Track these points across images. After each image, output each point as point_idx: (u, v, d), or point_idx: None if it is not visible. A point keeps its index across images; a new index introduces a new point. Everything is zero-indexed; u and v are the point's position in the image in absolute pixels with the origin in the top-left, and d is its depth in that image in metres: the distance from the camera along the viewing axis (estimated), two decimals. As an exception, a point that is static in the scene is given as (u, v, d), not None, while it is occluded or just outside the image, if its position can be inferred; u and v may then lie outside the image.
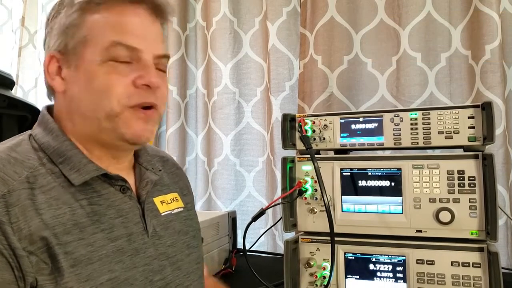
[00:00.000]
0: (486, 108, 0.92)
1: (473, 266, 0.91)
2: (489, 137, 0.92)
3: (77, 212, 0.60)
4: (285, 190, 1.07)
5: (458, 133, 0.96)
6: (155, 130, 0.69)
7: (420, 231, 0.97)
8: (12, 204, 0.55)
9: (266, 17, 1.70)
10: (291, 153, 1.16)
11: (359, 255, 1.00)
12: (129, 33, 0.63)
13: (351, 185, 1.03)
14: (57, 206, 0.58)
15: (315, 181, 1.04)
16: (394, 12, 1.49)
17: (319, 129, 1.07)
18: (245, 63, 1.79)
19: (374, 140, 1.03)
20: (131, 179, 0.71)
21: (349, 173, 1.03)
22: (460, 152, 0.97)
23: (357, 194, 1.03)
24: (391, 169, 1.00)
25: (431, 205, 0.96)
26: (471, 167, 0.93)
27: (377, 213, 1.00)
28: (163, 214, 0.72)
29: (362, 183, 1.02)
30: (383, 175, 1.01)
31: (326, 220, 0.96)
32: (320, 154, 1.13)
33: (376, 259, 0.99)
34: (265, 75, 1.73)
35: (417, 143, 0.99)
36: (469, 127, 0.95)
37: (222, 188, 1.77)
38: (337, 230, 0.99)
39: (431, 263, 0.94)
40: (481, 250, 0.91)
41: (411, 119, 1.00)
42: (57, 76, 0.65)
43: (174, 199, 0.77)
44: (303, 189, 1.05)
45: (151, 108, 0.65)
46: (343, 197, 1.03)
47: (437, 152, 1.25)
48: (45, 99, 0.72)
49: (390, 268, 0.98)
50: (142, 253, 0.65)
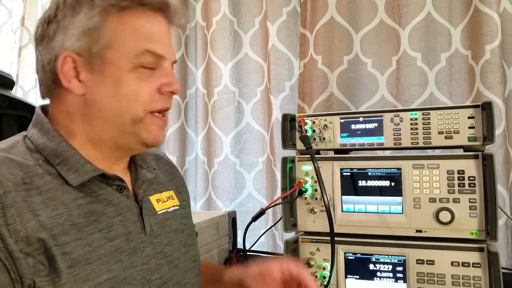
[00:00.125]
0: (486, 108, 0.92)
1: (473, 266, 0.91)
2: (489, 137, 0.92)
3: (74, 212, 0.59)
4: (285, 190, 1.07)
5: (458, 133, 0.96)
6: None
7: (420, 231, 0.97)
8: (8, 205, 0.54)
9: (266, 17, 1.70)
10: (291, 153, 1.16)
11: (359, 255, 1.00)
12: (157, 41, 0.66)
13: (351, 185, 1.03)
14: (54, 206, 0.58)
15: (315, 181, 1.04)
16: (394, 12, 1.49)
17: (319, 129, 1.07)
18: (245, 63, 1.79)
19: (374, 140, 1.03)
20: (127, 178, 0.71)
21: (349, 173, 1.03)
22: (460, 152, 0.97)
23: (357, 194, 1.03)
24: (391, 169, 1.00)
25: (431, 205, 0.96)
26: (471, 167, 0.93)
27: (377, 213, 1.00)
28: (159, 212, 0.73)
29: (362, 183, 1.02)
30: (383, 175, 1.01)
31: (326, 220, 0.96)
32: (320, 154, 1.13)
33: (376, 259, 0.99)
34: (265, 75, 1.73)
35: (417, 143, 0.99)
36: (469, 127, 0.95)
37: (222, 188, 1.77)
38: (337, 230, 0.99)
39: (431, 263, 0.94)
40: (481, 250, 0.91)
41: (411, 119, 1.00)
42: (75, 78, 0.63)
43: (169, 197, 0.77)
44: (303, 189, 1.05)
45: (165, 114, 0.69)
46: (343, 197, 1.03)
47: (437, 152, 1.25)
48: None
49: (390, 268, 0.98)
50: (140, 252, 0.66)
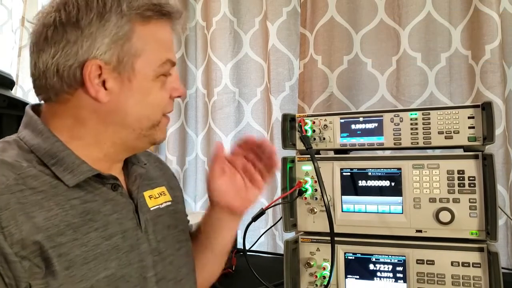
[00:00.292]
0: (486, 108, 0.92)
1: (473, 266, 0.91)
2: (489, 137, 0.92)
3: (69, 212, 0.59)
4: (285, 190, 1.07)
5: (458, 133, 0.96)
6: None
7: (420, 231, 0.97)
8: (1, 208, 0.53)
9: (266, 17, 1.70)
10: (291, 153, 1.16)
11: (359, 255, 1.00)
12: (171, 49, 0.70)
13: (351, 185, 1.03)
14: (48, 207, 0.57)
15: (315, 181, 1.04)
16: (394, 12, 1.49)
17: (319, 129, 1.07)
18: (245, 63, 1.79)
19: (374, 140, 1.03)
20: (121, 176, 0.71)
21: (349, 173, 1.03)
22: (460, 152, 0.97)
23: (357, 194, 1.03)
24: (391, 169, 1.00)
25: (431, 205, 0.96)
26: (471, 167, 0.93)
27: (377, 213, 1.00)
28: (152, 209, 0.73)
29: (362, 183, 1.02)
30: (383, 175, 1.01)
31: (326, 220, 0.96)
32: (320, 154, 1.13)
33: (376, 259, 0.99)
34: (265, 75, 1.73)
35: (417, 143, 0.99)
36: (469, 127, 0.95)
37: (222, 188, 1.77)
38: (337, 230, 0.99)
39: (431, 263, 0.94)
40: (481, 250, 0.91)
41: (411, 119, 1.00)
42: (102, 87, 0.63)
43: (161, 193, 0.77)
44: (303, 189, 1.05)
45: None
46: (343, 197, 1.03)
47: (437, 152, 1.25)
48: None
49: (390, 268, 0.98)
50: (136, 249, 0.66)
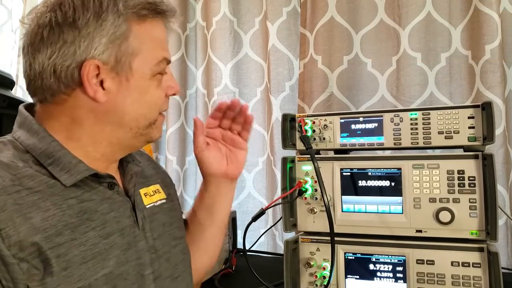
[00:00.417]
0: (486, 108, 0.92)
1: (473, 266, 0.91)
2: (489, 137, 0.92)
3: (67, 212, 0.59)
4: (285, 190, 1.07)
5: (458, 133, 0.96)
6: None
7: (420, 231, 0.97)
8: None
9: (266, 17, 1.70)
10: (291, 153, 1.16)
11: (359, 255, 1.00)
12: (166, 47, 0.69)
13: (351, 185, 1.03)
14: (46, 208, 0.57)
15: (315, 181, 1.04)
16: (394, 12, 1.49)
17: (319, 129, 1.07)
18: (245, 63, 1.79)
19: (374, 140, 1.03)
20: (117, 175, 0.71)
21: (349, 173, 1.03)
22: (460, 152, 0.97)
23: (357, 194, 1.03)
24: (391, 169, 1.00)
25: (431, 205, 0.96)
26: (471, 167, 0.93)
27: (377, 213, 1.00)
28: (147, 206, 0.73)
29: (362, 183, 1.02)
30: (383, 175, 1.01)
31: (326, 220, 0.96)
32: (320, 154, 1.13)
33: (376, 259, 0.99)
34: (265, 75, 1.73)
35: (417, 143, 0.99)
36: (469, 127, 0.95)
37: (222, 188, 1.77)
38: (337, 230, 0.99)
39: (431, 263, 0.94)
40: (481, 250, 0.91)
41: (411, 119, 1.00)
42: (100, 87, 0.62)
43: (156, 191, 0.77)
44: (303, 189, 1.05)
45: None
46: (343, 197, 1.03)
47: (437, 152, 1.25)
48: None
49: (390, 268, 0.98)
50: (134, 246, 0.66)
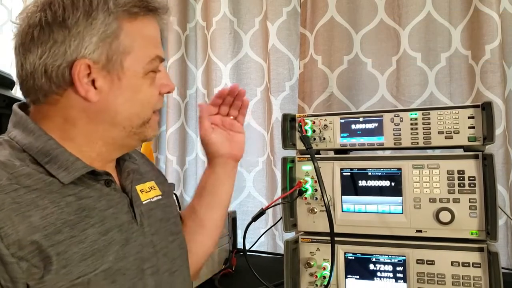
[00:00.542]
0: (486, 108, 0.92)
1: (473, 266, 0.91)
2: (489, 137, 0.92)
3: (65, 210, 0.59)
4: (285, 190, 1.07)
5: (458, 133, 0.96)
6: None
7: (420, 231, 0.97)
8: None
9: (266, 17, 1.70)
10: (291, 153, 1.16)
11: (359, 255, 1.00)
12: (159, 45, 0.69)
13: (351, 185, 1.03)
14: (44, 206, 0.57)
15: (315, 181, 1.04)
16: (394, 12, 1.49)
17: (319, 129, 1.07)
18: (245, 63, 1.79)
19: (374, 140, 1.03)
20: (113, 173, 0.71)
21: (349, 173, 1.03)
22: (460, 152, 0.97)
23: (357, 194, 1.02)
24: (391, 169, 1.00)
25: (431, 205, 0.96)
26: (471, 167, 0.93)
27: (377, 213, 1.00)
28: (144, 202, 0.73)
29: (362, 183, 1.02)
30: (383, 175, 1.01)
31: (326, 220, 0.96)
32: (320, 154, 1.13)
33: (376, 259, 0.99)
34: (265, 75, 1.73)
35: (417, 143, 0.99)
36: (469, 127, 0.95)
37: (222, 188, 1.77)
38: (337, 230, 0.99)
39: (431, 263, 0.94)
40: (481, 250, 0.91)
41: (411, 119, 1.00)
42: (91, 86, 0.62)
43: (152, 188, 0.78)
44: (303, 189, 1.05)
45: None
46: (343, 197, 1.03)
47: (437, 152, 1.25)
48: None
49: (390, 268, 0.98)
50: (132, 242, 0.66)
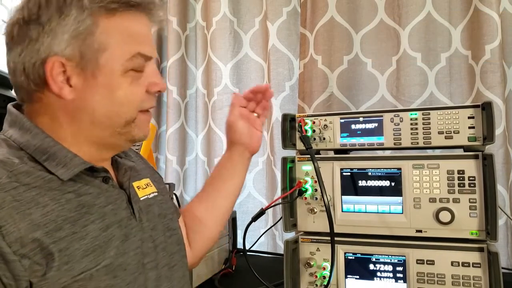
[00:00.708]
0: (486, 108, 0.92)
1: (473, 266, 0.91)
2: (489, 137, 0.92)
3: (65, 207, 0.59)
4: (285, 190, 1.07)
5: (458, 133, 0.96)
6: None
7: (420, 231, 0.97)
8: None
9: (266, 17, 1.70)
10: (291, 153, 1.16)
11: (359, 255, 1.00)
12: (144, 42, 0.66)
13: (351, 185, 1.03)
14: (44, 203, 0.57)
15: (315, 181, 1.04)
16: (394, 12, 1.49)
17: (319, 129, 1.07)
18: (245, 63, 1.79)
19: (374, 140, 1.03)
20: (110, 169, 0.72)
21: (349, 173, 1.03)
22: (460, 152, 0.97)
23: (357, 194, 1.02)
24: (391, 169, 1.00)
25: (431, 205, 0.96)
26: (471, 167, 0.93)
27: (377, 213, 1.00)
28: (142, 198, 0.74)
29: (362, 183, 1.02)
30: (383, 175, 1.01)
31: (326, 220, 0.96)
32: (320, 154, 1.13)
33: (376, 259, 0.99)
34: (265, 75, 1.73)
35: (417, 143, 0.99)
36: (469, 127, 0.95)
37: (222, 188, 1.77)
38: (337, 230, 0.99)
39: (431, 263, 0.94)
40: (481, 250, 0.91)
41: (411, 119, 1.00)
42: (66, 84, 0.62)
43: (148, 185, 0.78)
44: (303, 189, 1.05)
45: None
46: (343, 197, 1.03)
47: (437, 152, 1.25)
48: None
49: (390, 268, 0.98)
50: (132, 237, 0.66)
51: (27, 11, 0.61)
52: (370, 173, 1.02)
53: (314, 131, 1.07)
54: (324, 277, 1.00)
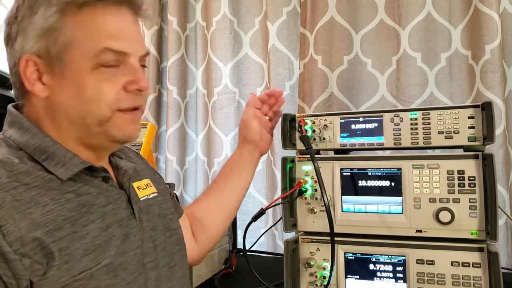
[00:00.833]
0: (486, 108, 0.92)
1: (473, 266, 0.91)
2: (489, 137, 0.92)
3: (65, 206, 0.59)
4: (285, 190, 1.07)
5: (458, 133, 0.96)
6: (140, 127, 0.71)
7: (420, 231, 0.97)
8: None
9: (266, 17, 1.70)
10: (291, 153, 1.16)
11: (359, 255, 1.00)
12: (117, 37, 0.62)
13: (351, 185, 1.03)
14: (44, 203, 0.57)
15: (315, 181, 1.04)
16: (394, 12, 1.49)
17: (319, 129, 1.07)
18: (245, 63, 1.79)
19: (374, 140, 1.03)
20: (109, 169, 0.72)
21: (349, 173, 1.03)
22: (460, 152, 0.97)
23: (357, 194, 1.02)
24: (391, 169, 1.00)
25: (431, 205, 0.96)
26: (471, 167, 0.93)
27: (377, 213, 1.00)
28: (142, 199, 0.74)
29: (362, 183, 1.02)
30: (383, 175, 1.01)
31: (326, 220, 0.96)
32: (320, 154, 1.13)
33: (376, 259, 0.99)
34: (265, 75, 1.73)
35: (417, 143, 0.99)
36: (469, 127, 0.95)
37: (222, 188, 1.77)
38: (337, 230, 0.99)
39: (431, 263, 0.94)
40: (481, 250, 0.91)
41: (411, 119, 1.00)
42: (38, 81, 0.62)
43: (148, 185, 0.78)
44: (303, 189, 1.05)
45: (138, 108, 0.67)
46: (343, 197, 1.03)
47: (437, 152, 1.25)
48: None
49: (390, 268, 0.98)
50: (132, 237, 0.66)
51: (10, 13, 0.62)
52: (370, 173, 1.02)
53: (314, 131, 1.07)
54: (324, 277, 1.00)
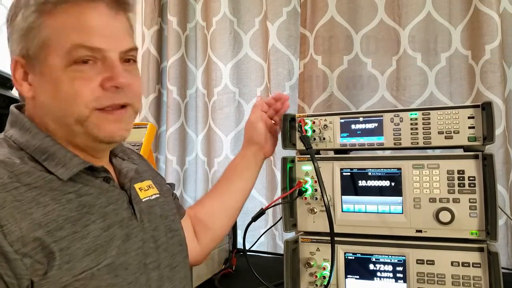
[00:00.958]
0: (486, 108, 0.92)
1: (473, 266, 0.91)
2: (489, 137, 0.92)
3: (66, 207, 0.59)
4: (285, 190, 1.07)
5: (458, 133, 0.96)
6: (131, 127, 0.68)
7: (420, 231, 0.97)
8: None
9: (266, 17, 1.70)
10: (291, 153, 1.16)
11: (359, 255, 1.00)
12: (90, 33, 0.61)
13: (351, 185, 1.03)
14: (45, 203, 0.57)
15: (315, 181, 1.03)
16: (394, 12, 1.49)
17: (319, 129, 1.07)
18: (245, 63, 1.79)
19: (374, 140, 1.03)
20: (110, 170, 0.72)
21: (349, 173, 1.03)
22: (460, 152, 0.97)
23: (357, 194, 1.02)
24: (391, 169, 1.00)
25: (431, 205, 0.96)
26: (471, 167, 0.93)
27: (377, 213, 1.00)
28: (143, 200, 0.74)
29: (362, 183, 1.02)
30: (383, 175, 1.01)
31: (326, 220, 0.96)
32: (320, 154, 1.13)
33: (376, 259, 0.99)
34: (265, 75, 1.73)
35: (417, 143, 0.99)
36: (469, 127, 0.95)
37: (222, 188, 1.77)
38: (337, 230, 0.99)
39: (431, 263, 0.94)
40: (481, 250, 0.91)
41: (411, 119, 1.00)
42: (24, 82, 0.63)
43: (149, 186, 0.78)
44: (303, 189, 1.05)
45: (125, 106, 0.65)
46: (343, 197, 1.03)
47: (437, 152, 1.25)
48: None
49: (390, 268, 0.98)
50: (133, 237, 0.67)
51: (6, 15, 0.65)
52: (370, 173, 1.02)
53: (314, 131, 1.07)
54: (324, 277, 1.00)
